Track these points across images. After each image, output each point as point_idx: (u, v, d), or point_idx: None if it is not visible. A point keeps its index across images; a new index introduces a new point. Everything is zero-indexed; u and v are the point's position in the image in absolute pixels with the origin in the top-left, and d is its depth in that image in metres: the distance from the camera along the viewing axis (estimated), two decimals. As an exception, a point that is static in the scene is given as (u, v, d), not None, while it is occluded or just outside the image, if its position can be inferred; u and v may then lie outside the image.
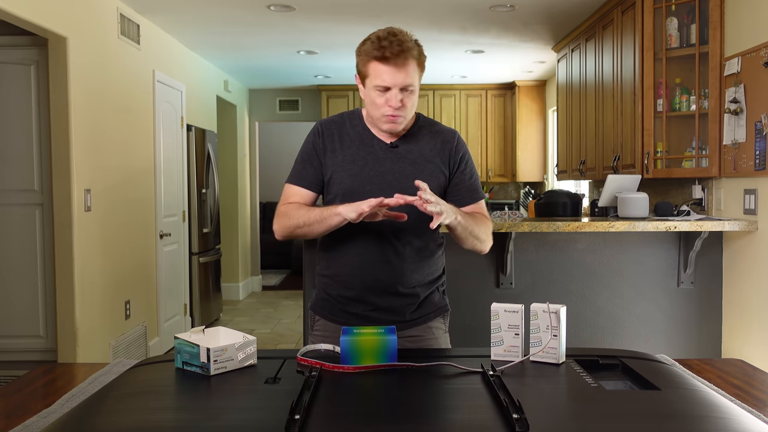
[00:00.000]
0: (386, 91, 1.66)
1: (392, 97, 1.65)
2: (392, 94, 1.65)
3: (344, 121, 1.83)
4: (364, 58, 1.67)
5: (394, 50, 1.61)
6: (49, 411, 1.45)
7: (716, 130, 3.40)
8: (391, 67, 1.63)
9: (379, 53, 1.62)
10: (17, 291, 4.00)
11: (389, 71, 1.63)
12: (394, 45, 1.61)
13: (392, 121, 1.70)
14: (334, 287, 1.82)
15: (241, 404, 1.25)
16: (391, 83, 1.64)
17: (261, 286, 8.27)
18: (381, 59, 1.63)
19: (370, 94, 1.69)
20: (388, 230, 1.74)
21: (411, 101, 1.69)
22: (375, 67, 1.64)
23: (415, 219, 1.73)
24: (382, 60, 1.63)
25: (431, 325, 1.84)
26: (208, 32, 5.30)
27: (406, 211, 1.72)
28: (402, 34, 1.65)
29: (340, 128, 1.81)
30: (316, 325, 1.87)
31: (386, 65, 1.63)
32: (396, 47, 1.61)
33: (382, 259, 1.74)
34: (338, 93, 7.65)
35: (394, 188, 1.72)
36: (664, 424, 1.18)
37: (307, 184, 1.80)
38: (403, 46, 1.62)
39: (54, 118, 3.77)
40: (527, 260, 3.40)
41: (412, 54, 1.64)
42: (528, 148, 7.31)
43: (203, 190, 6.01)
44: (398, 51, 1.61)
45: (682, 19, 3.60)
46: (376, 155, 1.76)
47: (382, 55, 1.62)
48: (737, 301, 3.32)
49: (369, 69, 1.66)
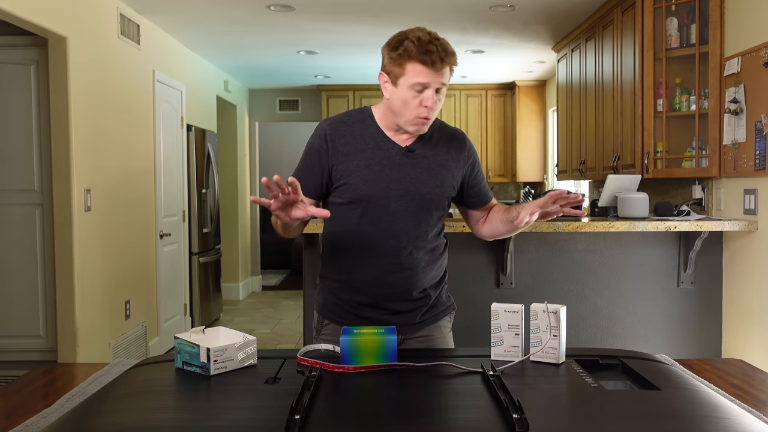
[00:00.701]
0: (422, 90, 1.64)
1: (429, 96, 1.63)
2: (429, 93, 1.63)
3: (354, 122, 1.77)
4: (402, 57, 1.63)
5: (440, 55, 1.61)
6: (49, 411, 1.45)
7: (716, 130, 3.40)
8: (431, 69, 1.62)
9: (426, 57, 1.60)
10: (17, 291, 4.00)
11: (430, 72, 1.62)
12: (440, 50, 1.61)
13: (424, 123, 1.68)
14: (346, 292, 1.79)
15: (241, 404, 1.25)
16: (431, 81, 1.62)
17: (261, 286, 8.27)
18: (422, 62, 1.61)
19: (403, 94, 1.65)
20: (404, 236, 1.73)
21: (441, 103, 1.69)
22: (414, 66, 1.62)
23: (426, 224, 1.75)
24: (422, 62, 1.61)
25: (440, 324, 1.85)
26: (208, 32, 5.30)
27: (417, 215, 1.73)
28: (444, 39, 1.66)
29: (351, 129, 1.75)
30: (325, 329, 1.84)
31: (427, 67, 1.61)
32: (442, 52, 1.61)
33: (398, 265, 1.74)
34: (338, 93, 7.65)
35: (411, 193, 1.72)
36: (664, 424, 1.18)
37: (305, 191, 1.72)
38: (448, 50, 1.63)
39: (54, 118, 3.77)
40: (527, 260, 3.40)
41: (454, 60, 1.65)
42: (528, 148, 7.31)
43: (203, 190, 6.01)
44: (441, 57, 1.61)
45: (682, 19, 3.59)
46: (393, 160, 1.73)
47: (425, 59, 1.60)
48: (737, 301, 3.32)
49: (407, 68, 1.63)
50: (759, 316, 3.14)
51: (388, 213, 1.71)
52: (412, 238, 1.73)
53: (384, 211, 1.71)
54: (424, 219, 1.74)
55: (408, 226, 1.73)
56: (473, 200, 1.86)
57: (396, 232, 1.72)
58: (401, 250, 1.72)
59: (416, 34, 1.63)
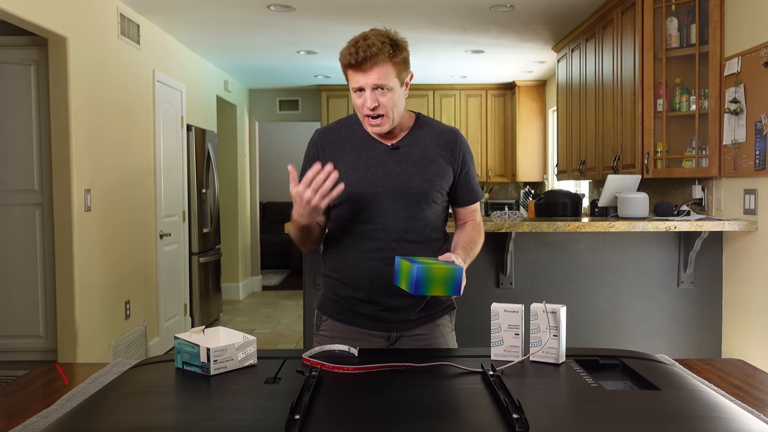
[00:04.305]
0: (362, 92, 1.69)
1: (366, 97, 1.68)
2: (366, 95, 1.68)
3: (342, 128, 1.83)
4: (342, 64, 1.71)
5: (359, 57, 1.63)
6: (49, 411, 1.45)
7: (716, 130, 3.40)
8: (359, 72, 1.66)
9: (347, 60, 1.67)
10: (17, 291, 4.00)
11: (359, 75, 1.66)
12: (360, 51, 1.63)
13: (372, 125, 1.72)
14: (342, 288, 1.81)
15: (241, 404, 1.25)
16: (362, 84, 1.67)
17: (261, 286, 8.27)
18: (350, 66, 1.67)
19: (353, 98, 1.73)
20: (393, 230, 1.75)
21: (388, 100, 1.68)
22: (348, 72, 1.69)
23: (417, 218, 1.74)
24: (350, 66, 1.67)
25: (438, 323, 1.85)
26: (208, 32, 5.30)
27: (406, 209, 1.74)
28: (374, 37, 1.66)
29: (338, 135, 1.82)
30: (323, 324, 1.87)
31: (355, 71, 1.66)
32: (362, 53, 1.63)
33: (391, 260, 1.74)
34: (338, 93, 7.65)
35: (398, 188, 1.75)
36: (664, 424, 1.18)
37: None
38: (369, 51, 1.63)
39: (54, 118, 3.77)
40: (527, 260, 3.40)
41: (381, 57, 1.64)
42: (528, 148, 7.31)
43: (203, 190, 6.01)
44: (363, 57, 1.63)
45: (682, 19, 3.60)
46: (378, 158, 1.77)
47: (350, 62, 1.66)
48: (737, 301, 3.32)
49: (346, 74, 1.71)
50: (759, 316, 3.14)
51: (379, 208, 1.74)
52: (402, 232, 1.75)
53: (374, 207, 1.74)
54: (414, 213, 1.76)
55: (397, 220, 1.75)
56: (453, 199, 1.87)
57: (386, 227, 1.74)
58: (390, 243, 1.74)
59: (353, 38, 1.69)
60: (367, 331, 1.80)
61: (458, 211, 1.90)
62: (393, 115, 1.72)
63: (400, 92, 1.71)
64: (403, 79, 1.72)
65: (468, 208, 1.89)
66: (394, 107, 1.71)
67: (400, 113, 1.75)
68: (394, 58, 1.67)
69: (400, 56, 1.69)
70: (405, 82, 1.73)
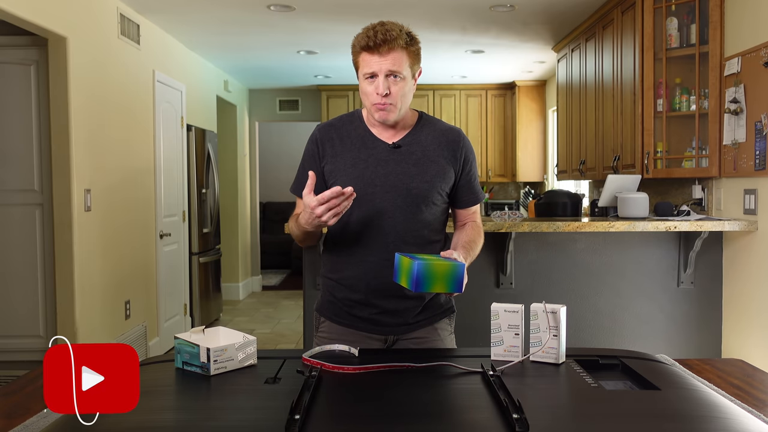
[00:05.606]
0: (374, 78, 1.67)
1: (379, 84, 1.66)
2: (379, 81, 1.66)
3: (343, 124, 1.81)
4: (355, 49, 1.69)
5: (379, 39, 1.63)
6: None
7: (716, 130, 3.40)
8: (375, 55, 1.65)
9: (365, 42, 1.65)
10: (17, 291, 4.00)
11: (375, 59, 1.65)
12: (379, 34, 1.63)
13: (381, 109, 1.69)
14: (340, 290, 1.80)
15: (241, 404, 1.25)
16: (377, 69, 1.65)
17: (261, 286, 8.27)
18: (367, 48, 1.65)
19: (362, 85, 1.70)
20: (392, 233, 1.73)
21: (399, 89, 1.68)
22: (363, 56, 1.68)
23: (416, 220, 1.74)
24: (368, 49, 1.65)
25: (437, 326, 1.83)
26: (208, 32, 5.30)
27: (404, 210, 1.73)
28: (391, 24, 1.67)
29: (339, 131, 1.79)
30: (322, 326, 1.85)
31: (372, 54, 1.65)
32: (381, 36, 1.63)
33: (387, 261, 1.72)
34: (338, 93, 7.65)
35: (398, 188, 1.72)
36: (664, 424, 1.18)
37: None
38: (388, 35, 1.63)
39: (54, 118, 3.77)
40: (527, 260, 3.39)
41: (399, 43, 1.65)
42: (528, 148, 7.31)
43: (203, 190, 6.01)
44: (383, 40, 1.63)
45: (682, 19, 3.59)
46: (378, 156, 1.74)
47: (368, 44, 1.65)
48: (737, 301, 3.32)
49: (359, 59, 1.69)
50: (759, 316, 3.14)
51: (376, 209, 1.72)
52: (400, 234, 1.73)
53: (371, 208, 1.72)
54: (412, 214, 1.73)
55: (395, 221, 1.72)
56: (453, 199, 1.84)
57: (383, 228, 1.72)
58: (388, 245, 1.71)
59: (366, 26, 1.69)
60: (365, 334, 1.78)
61: (458, 212, 1.87)
62: (401, 106, 1.70)
63: (410, 84, 1.71)
64: (414, 71, 1.71)
65: (468, 210, 1.86)
66: (404, 98, 1.70)
67: (407, 106, 1.74)
68: (410, 47, 1.68)
69: (415, 47, 1.69)
70: (415, 76, 1.73)
